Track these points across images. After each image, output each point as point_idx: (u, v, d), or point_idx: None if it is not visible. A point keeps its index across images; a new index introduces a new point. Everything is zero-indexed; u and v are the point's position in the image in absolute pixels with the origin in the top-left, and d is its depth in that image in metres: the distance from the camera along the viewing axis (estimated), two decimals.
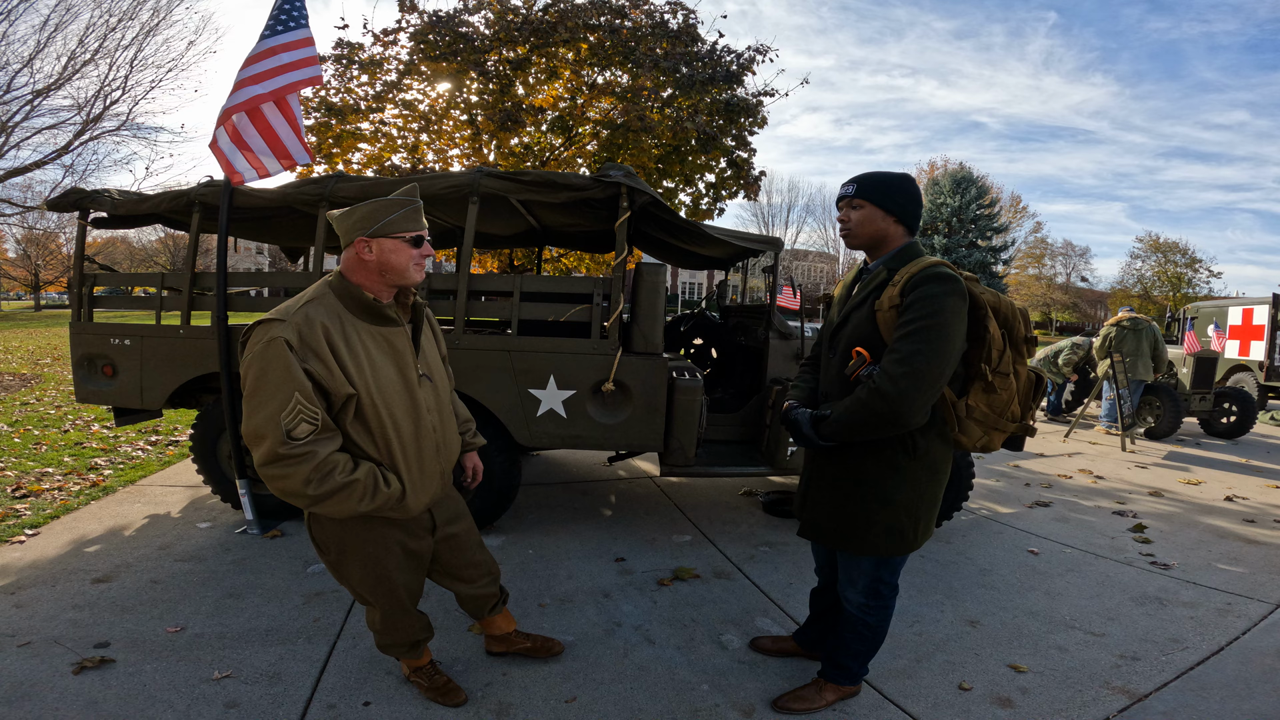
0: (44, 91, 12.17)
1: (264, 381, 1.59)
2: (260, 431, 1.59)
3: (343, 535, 1.86)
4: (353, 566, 1.91)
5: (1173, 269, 41.71)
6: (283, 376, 1.59)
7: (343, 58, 7.81)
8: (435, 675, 2.23)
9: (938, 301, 1.74)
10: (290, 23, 3.47)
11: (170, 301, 3.85)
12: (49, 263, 39.86)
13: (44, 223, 30.32)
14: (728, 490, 4.82)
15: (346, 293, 1.76)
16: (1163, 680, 2.47)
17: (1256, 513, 4.75)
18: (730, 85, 8.12)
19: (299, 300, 1.72)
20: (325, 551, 1.91)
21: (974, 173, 35.28)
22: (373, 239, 1.74)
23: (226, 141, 3.36)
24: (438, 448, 1.95)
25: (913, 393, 1.73)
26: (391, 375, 1.80)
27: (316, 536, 1.90)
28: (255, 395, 1.60)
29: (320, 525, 1.87)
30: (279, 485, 1.63)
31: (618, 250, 3.40)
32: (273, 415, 1.58)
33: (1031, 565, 3.59)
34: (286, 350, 1.60)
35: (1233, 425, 7.96)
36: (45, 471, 4.62)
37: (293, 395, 1.59)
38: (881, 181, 1.95)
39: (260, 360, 1.60)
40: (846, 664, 2.21)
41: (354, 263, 1.77)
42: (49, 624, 2.59)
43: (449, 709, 2.16)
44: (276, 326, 1.62)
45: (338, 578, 1.97)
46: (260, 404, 1.59)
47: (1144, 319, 7.44)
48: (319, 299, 1.73)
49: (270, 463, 1.60)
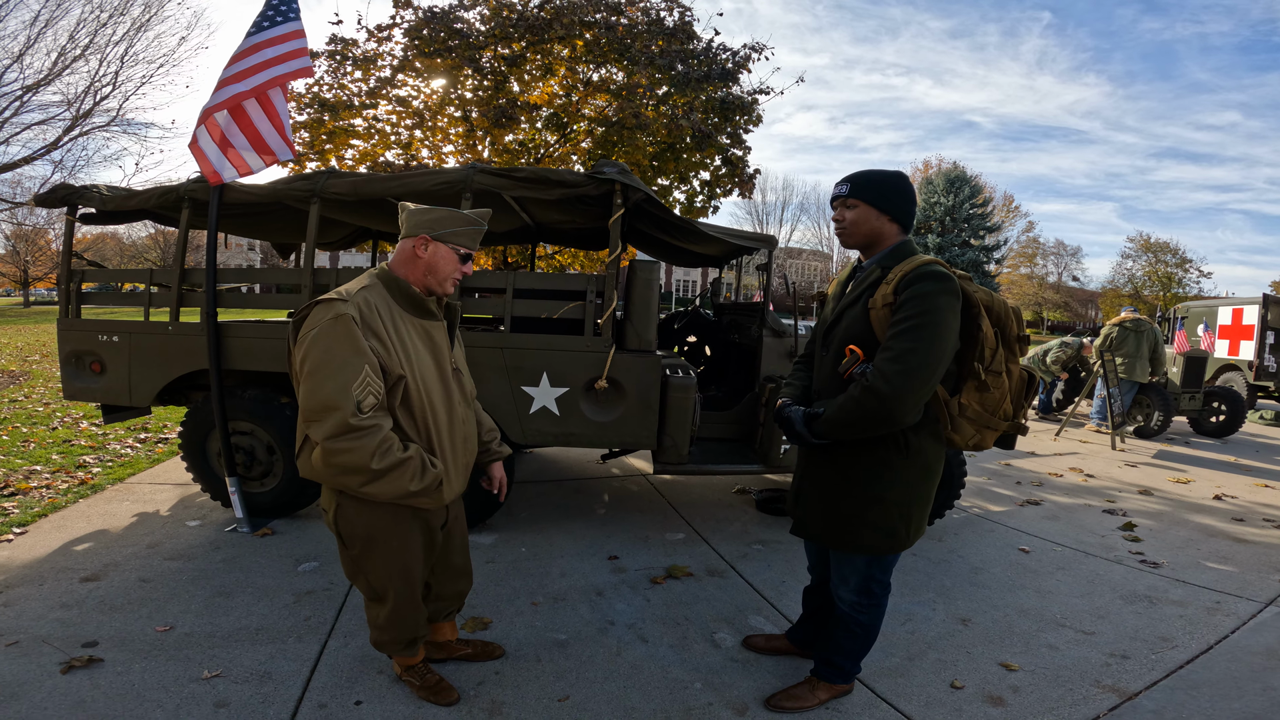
0: (34, 87, 12.05)
1: (333, 355, 1.63)
2: (332, 403, 1.61)
3: (371, 526, 1.87)
4: (378, 559, 1.92)
5: (1163, 269, 41.98)
6: (352, 350, 1.64)
7: (337, 53, 7.76)
8: (428, 674, 2.22)
9: (931, 300, 1.75)
10: (278, 17, 3.44)
11: (159, 298, 3.81)
12: (38, 259, 39.50)
13: (33, 219, 30.04)
14: (721, 488, 4.82)
15: (395, 285, 1.85)
16: (1152, 679, 2.48)
17: (1245, 511, 4.78)
18: (726, 83, 8.11)
19: (355, 285, 1.80)
20: (350, 545, 1.90)
21: (967, 172, 35.44)
22: (433, 240, 1.83)
23: (207, 140, 3.33)
24: (465, 440, 2.01)
25: (906, 391, 1.73)
26: (430, 365, 1.88)
27: (343, 530, 1.88)
28: (323, 369, 1.63)
29: (347, 517, 1.86)
30: (344, 459, 1.64)
31: (611, 247, 3.39)
32: (344, 386, 1.61)
33: (1023, 563, 3.61)
34: (354, 326, 1.66)
35: (1222, 424, 8.04)
36: (33, 469, 4.57)
37: (363, 368, 1.65)
38: (876, 181, 1.95)
39: (328, 335, 1.64)
40: (839, 662, 2.21)
41: (407, 256, 1.86)
42: (37, 623, 2.57)
43: (441, 708, 2.15)
44: (340, 305, 1.68)
45: (353, 572, 1.97)
46: (329, 376, 1.62)
47: (1146, 320, 7.47)
48: (371, 287, 1.81)
49: (340, 434, 1.62)
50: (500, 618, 2.78)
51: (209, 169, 3.36)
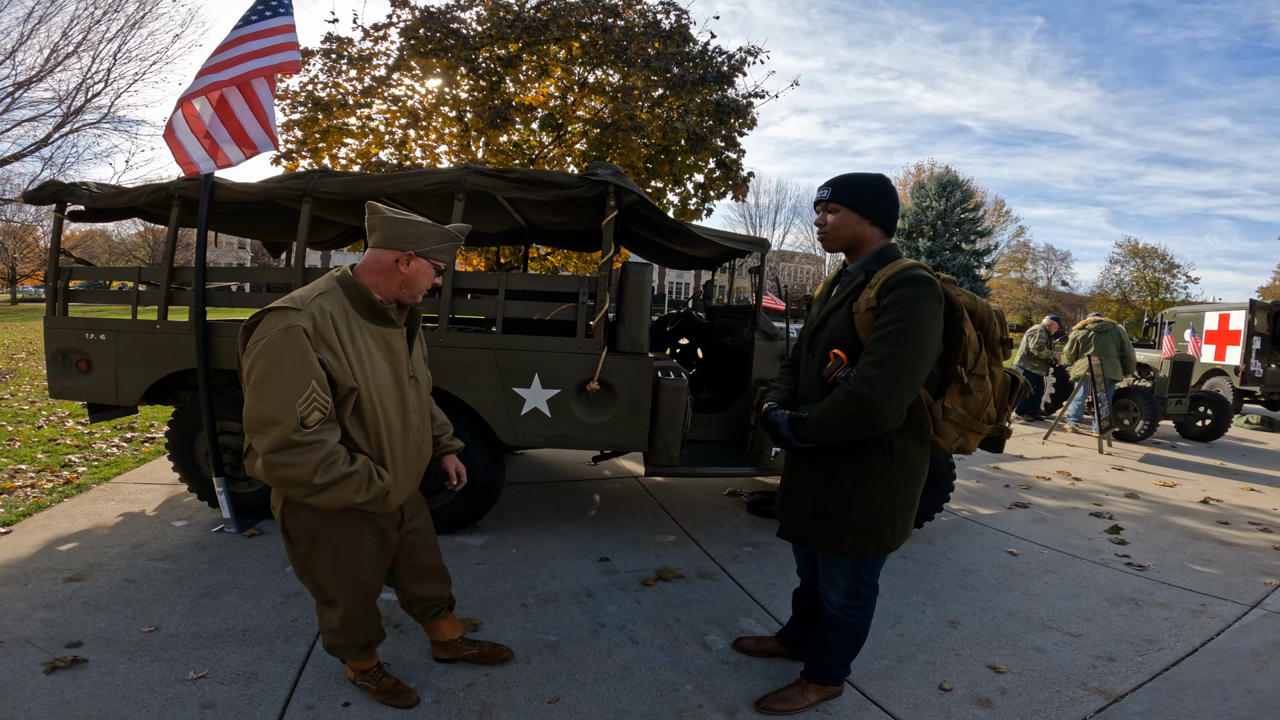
0: (25, 84, 11.91)
1: (278, 368, 1.61)
2: (273, 417, 1.60)
3: (316, 526, 1.85)
4: (323, 558, 1.90)
5: (1151, 274, 42.36)
6: (299, 363, 1.62)
7: (331, 52, 7.73)
8: (384, 678, 2.19)
9: (913, 304, 1.75)
10: (267, 11, 3.41)
11: (147, 296, 3.78)
12: (26, 255, 39.07)
13: (22, 215, 29.74)
14: (712, 490, 4.82)
15: (355, 291, 1.80)
16: (1138, 681, 2.51)
17: (1230, 515, 4.83)
18: (721, 86, 8.13)
19: (311, 291, 1.76)
20: (295, 544, 1.89)
21: (959, 176, 35.60)
22: (417, 256, 1.81)
23: (185, 131, 3.28)
24: (419, 447, 2.01)
25: (888, 395, 1.73)
26: (386, 374, 1.85)
27: (290, 527, 1.87)
28: (268, 381, 1.61)
29: (295, 515, 1.85)
30: (284, 474, 1.64)
31: (604, 249, 3.39)
32: (288, 401, 1.60)
33: (1011, 566, 3.63)
34: (304, 338, 1.63)
35: (1208, 428, 8.12)
36: (18, 468, 4.52)
37: (309, 383, 1.63)
38: (857, 184, 1.95)
39: (276, 347, 1.61)
40: (829, 664, 2.21)
41: (385, 267, 1.81)
42: (20, 623, 2.54)
43: (430, 707, 2.14)
44: (293, 315, 1.64)
45: (300, 571, 1.95)
46: (273, 390, 1.60)
47: (1109, 322, 7.64)
48: (329, 293, 1.77)
49: (280, 449, 1.61)
50: (490, 619, 2.77)
51: (184, 159, 3.30)
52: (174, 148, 3.31)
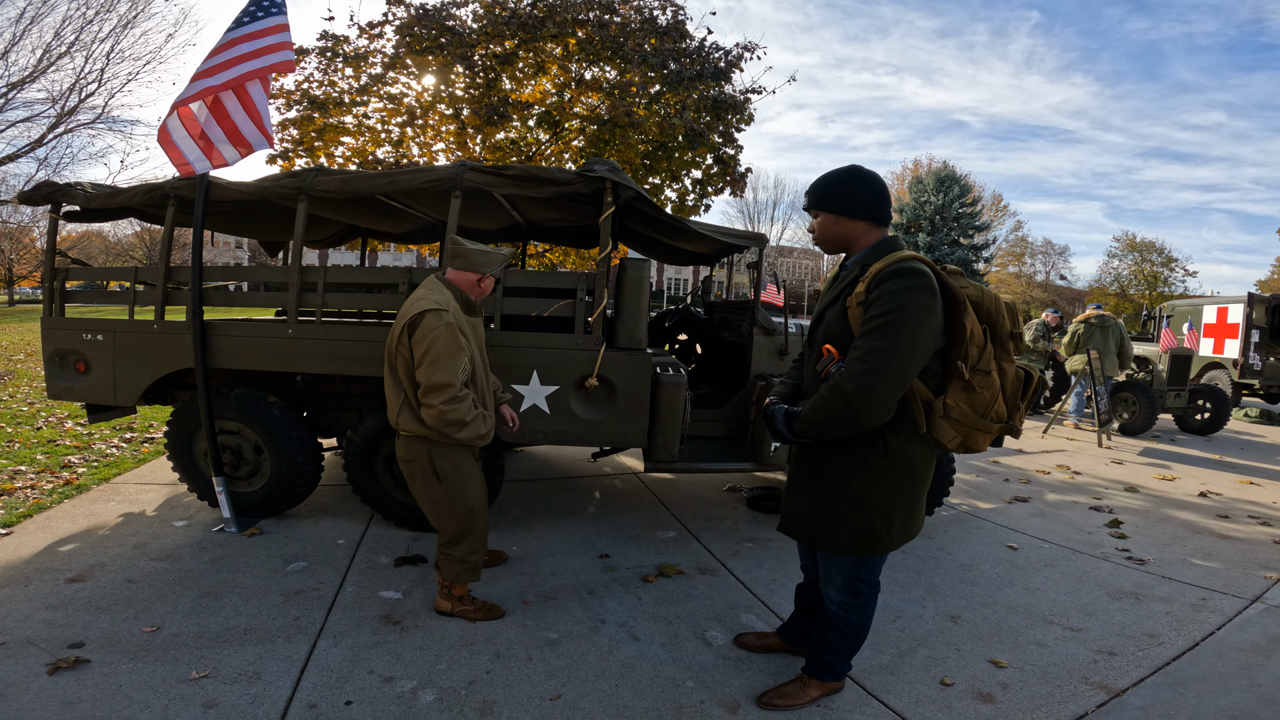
0: (18, 84, 11.87)
1: (448, 348, 2.39)
2: (447, 380, 2.39)
3: (460, 460, 2.60)
4: (469, 481, 2.62)
5: (1149, 268, 42.32)
6: (458, 346, 2.43)
7: (327, 50, 7.70)
8: (475, 599, 2.77)
9: (899, 298, 1.72)
10: (259, 12, 3.40)
11: (144, 296, 3.77)
12: (22, 257, 38.95)
13: (17, 216, 29.65)
14: (712, 486, 4.82)
15: (460, 295, 2.63)
16: (1139, 675, 2.51)
17: (1230, 508, 4.84)
18: (718, 82, 8.11)
19: (445, 297, 2.52)
20: (445, 478, 2.56)
21: (957, 171, 35.57)
22: (489, 276, 2.68)
23: (180, 132, 3.29)
24: (494, 396, 2.85)
25: (871, 391, 1.71)
26: (477, 348, 2.65)
27: (439, 466, 2.55)
28: (442, 358, 2.38)
29: (444, 455, 2.55)
30: (453, 415, 2.40)
31: (602, 245, 3.38)
32: (456, 370, 2.41)
33: (1011, 560, 3.63)
34: (457, 330, 2.43)
35: (1207, 422, 8.13)
36: (18, 469, 4.52)
37: (464, 358, 2.46)
38: (825, 186, 1.96)
39: (444, 335, 2.39)
40: (830, 660, 2.22)
41: (471, 283, 2.66)
42: (23, 624, 2.54)
43: (432, 705, 2.14)
44: (447, 315, 2.43)
45: (449, 502, 2.58)
46: (446, 363, 2.39)
47: (1111, 316, 7.59)
48: (451, 297, 2.56)
49: (451, 401, 2.40)
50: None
51: (179, 159, 3.32)
52: (169, 150, 3.31)
